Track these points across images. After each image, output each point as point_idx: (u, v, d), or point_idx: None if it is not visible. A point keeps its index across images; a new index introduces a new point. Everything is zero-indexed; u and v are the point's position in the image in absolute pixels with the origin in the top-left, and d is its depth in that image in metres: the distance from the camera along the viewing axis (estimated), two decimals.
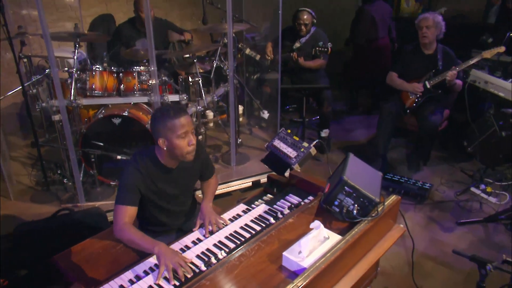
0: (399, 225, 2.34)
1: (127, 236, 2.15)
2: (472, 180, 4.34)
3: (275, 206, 2.45)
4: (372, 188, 2.17)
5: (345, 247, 1.90)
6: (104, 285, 1.97)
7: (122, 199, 2.21)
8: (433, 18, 4.16)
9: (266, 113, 4.46)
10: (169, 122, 2.14)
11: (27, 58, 4.37)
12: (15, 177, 4.10)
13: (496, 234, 3.67)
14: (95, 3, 5.54)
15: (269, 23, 5.13)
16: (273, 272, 1.87)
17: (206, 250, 2.15)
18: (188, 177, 2.48)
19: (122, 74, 3.73)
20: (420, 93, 4.30)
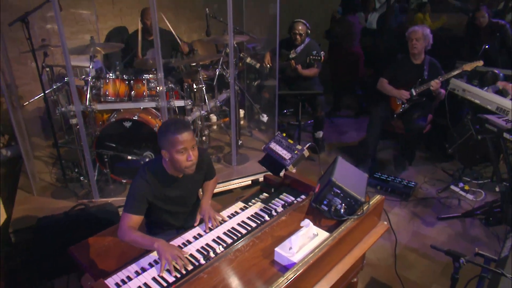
0: (383, 222, 2.30)
1: (129, 238, 2.12)
2: (452, 178, 4.33)
3: (270, 204, 2.42)
4: (358, 188, 2.14)
5: (332, 243, 1.87)
6: (112, 276, 1.95)
7: (129, 208, 2.18)
8: (422, 31, 4.18)
9: (265, 117, 4.43)
10: (170, 137, 2.09)
11: (49, 67, 4.37)
12: (38, 174, 4.09)
13: (472, 228, 3.67)
14: (111, 17, 5.52)
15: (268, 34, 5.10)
16: (266, 266, 1.85)
17: (205, 245, 2.12)
18: (193, 184, 2.45)
19: (133, 81, 3.71)
20: (407, 99, 4.31)
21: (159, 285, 1.87)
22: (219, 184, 3.91)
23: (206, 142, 4.48)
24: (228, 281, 1.76)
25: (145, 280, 1.91)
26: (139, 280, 1.91)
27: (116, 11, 5.55)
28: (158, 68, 3.34)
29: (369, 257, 3.28)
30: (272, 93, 4.50)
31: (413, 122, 4.29)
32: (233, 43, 3.60)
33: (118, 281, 1.91)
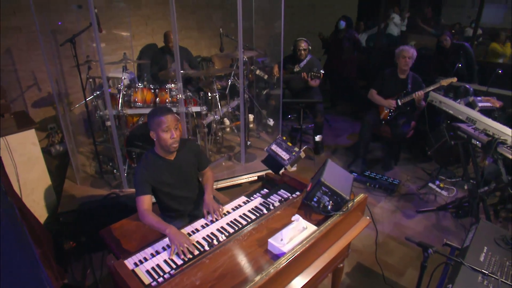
0: (366, 217, 2.21)
1: (147, 220, 2.11)
2: (430, 177, 4.20)
3: (269, 199, 2.35)
4: (344, 188, 2.05)
5: (319, 236, 1.80)
6: (132, 257, 1.92)
7: (138, 191, 2.20)
8: (412, 51, 4.11)
9: (271, 121, 4.37)
10: (157, 119, 2.16)
11: (92, 79, 4.38)
12: (81, 167, 4.09)
13: (444, 220, 3.57)
14: (144, 35, 5.51)
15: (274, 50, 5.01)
16: (260, 254, 1.79)
17: (210, 234, 2.07)
18: (186, 166, 2.40)
19: (157, 90, 3.67)
20: (394, 108, 4.24)
21: (169, 266, 1.84)
22: (230, 179, 3.86)
23: (220, 143, 4.42)
24: (226, 266, 1.71)
25: (157, 261, 1.87)
26: (153, 262, 1.87)
27: (149, 31, 5.53)
28: (177, 79, 3.30)
29: (356, 244, 3.20)
30: (278, 101, 4.42)
31: (398, 128, 4.21)
32: (242, 57, 3.53)
33: (136, 261, 1.88)
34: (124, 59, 3.63)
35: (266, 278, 1.56)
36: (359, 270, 2.98)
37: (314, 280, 2.00)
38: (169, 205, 2.40)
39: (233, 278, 1.64)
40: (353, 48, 6.20)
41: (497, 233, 2.15)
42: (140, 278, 1.76)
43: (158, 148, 2.28)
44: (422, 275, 1.95)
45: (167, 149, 2.25)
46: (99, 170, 3.87)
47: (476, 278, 1.81)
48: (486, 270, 1.76)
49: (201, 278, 1.65)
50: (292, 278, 1.76)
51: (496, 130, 2.90)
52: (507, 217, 3.51)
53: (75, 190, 3.70)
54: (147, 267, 1.84)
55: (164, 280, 1.72)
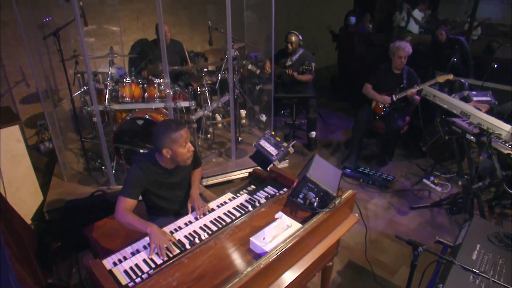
0: (354, 214, 2.12)
1: (125, 220, 2.00)
2: (424, 173, 4.12)
3: (255, 196, 2.26)
4: (332, 184, 1.96)
5: (303, 234, 1.71)
6: (111, 256, 1.84)
7: (125, 192, 2.06)
8: (408, 50, 4.02)
9: (264, 117, 4.28)
10: (173, 134, 1.99)
11: (81, 74, 4.26)
12: (69, 164, 4.01)
13: (438, 216, 3.50)
14: (135, 30, 5.39)
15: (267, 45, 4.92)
16: (241, 254, 1.70)
17: (193, 232, 1.98)
18: (184, 173, 2.32)
19: (146, 85, 3.57)
20: (388, 104, 4.15)
21: (148, 266, 1.75)
22: (221, 175, 3.77)
23: (211, 139, 4.33)
24: (206, 266, 1.62)
25: (136, 261, 1.79)
26: (132, 261, 1.79)
27: (140, 25, 5.41)
28: (165, 74, 3.19)
29: (348, 241, 3.13)
30: (270, 96, 4.33)
31: (393, 124, 4.12)
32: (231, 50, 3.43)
33: (115, 260, 1.80)
34: (111, 53, 3.52)
35: (247, 279, 1.47)
36: (350, 268, 2.90)
37: (301, 279, 1.91)
38: (157, 204, 2.31)
39: (212, 279, 1.56)
40: (364, 43, 6.11)
41: (490, 230, 2.07)
42: (117, 279, 1.68)
43: (163, 160, 2.12)
44: (412, 274, 1.87)
45: (183, 164, 2.13)
46: (87, 167, 3.78)
47: (468, 277, 1.72)
48: (478, 269, 1.68)
49: (179, 278, 1.56)
50: (276, 278, 1.68)
51: (491, 124, 2.81)
52: (502, 213, 3.44)
53: (62, 187, 3.62)
54: (125, 267, 1.75)
55: (142, 280, 1.63)
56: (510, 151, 2.93)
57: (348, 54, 6.27)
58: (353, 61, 6.22)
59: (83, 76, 4.29)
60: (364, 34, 6.12)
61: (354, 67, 6.22)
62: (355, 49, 6.10)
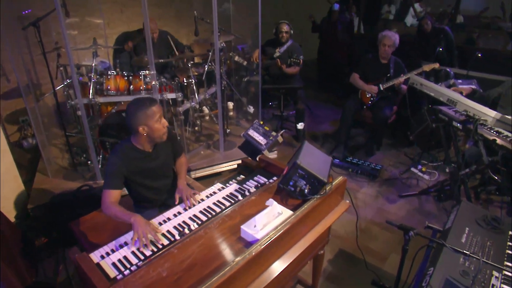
0: (345, 201, 2.11)
1: (111, 212, 1.97)
2: (412, 162, 4.15)
3: (245, 185, 2.23)
4: (322, 170, 1.95)
5: (295, 220, 1.69)
6: (99, 249, 1.79)
7: (108, 184, 2.03)
8: (394, 39, 4.03)
9: (252, 108, 4.25)
10: (147, 110, 1.99)
11: (63, 67, 4.15)
12: (53, 159, 3.90)
13: (427, 204, 3.53)
14: (119, 23, 5.28)
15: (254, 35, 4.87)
16: (232, 242, 1.67)
17: (182, 222, 1.94)
18: (164, 155, 2.26)
19: (131, 77, 3.49)
20: (375, 93, 4.16)
21: (137, 258, 1.71)
22: (209, 167, 3.72)
23: (199, 131, 4.27)
24: (196, 256, 1.59)
25: (125, 253, 1.74)
26: (120, 253, 1.74)
27: (124, 18, 5.30)
28: (150, 66, 3.13)
29: (338, 230, 3.13)
30: (257, 88, 4.29)
31: (380, 113, 4.13)
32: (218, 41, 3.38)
33: (103, 254, 1.75)
34: (94, 45, 3.44)
35: (238, 267, 1.44)
36: (341, 256, 2.90)
37: (292, 267, 1.90)
38: (143, 195, 2.26)
39: (202, 269, 1.53)
40: (346, 32, 6.09)
41: (478, 213, 2.09)
42: (105, 272, 1.63)
43: (139, 141, 2.11)
44: (403, 259, 1.86)
45: (159, 140, 2.12)
46: (72, 162, 3.69)
47: (458, 260, 1.74)
48: (468, 251, 1.68)
49: (169, 269, 1.53)
50: (268, 266, 1.65)
51: (477, 111, 2.84)
52: (488, 199, 3.49)
53: (46, 183, 3.52)
54: (114, 260, 1.71)
55: (131, 272, 1.59)
56: (495, 137, 2.96)
57: (330, 43, 6.24)
58: (336, 50, 6.19)
59: (65, 69, 4.18)
60: (347, 23, 6.10)
61: (337, 56, 6.20)
62: (338, 37, 6.08)
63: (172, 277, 1.49)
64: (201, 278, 1.47)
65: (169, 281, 1.48)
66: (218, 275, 1.40)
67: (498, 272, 1.69)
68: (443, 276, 1.63)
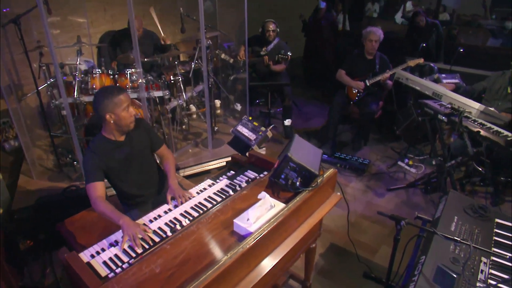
0: (336, 193, 2.12)
1: (100, 209, 1.94)
2: (399, 156, 4.20)
3: (235, 181, 2.21)
4: (313, 163, 1.95)
5: (287, 213, 1.69)
6: (88, 248, 1.75)
7: (89, 178, 2.02)
8: (379, 34, 4.07)
9: (239, 106, 4.23)
10: (115, 98, 1.99)
11: (46, 66, 4.05)
12: (38, 161, 3.82)
13: (414, 196, 3.58)
14: (103, 22, 5.19)
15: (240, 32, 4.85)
16: (225, 236, 1.66)
17: (173, 219, 1.92)
18: (138, 145, 2.24)
19: (117, 75, 3.44)
20: (362, 89, 4.19)
21: (128, 256, 1.68)
22: (197, 165, 3.69)
23: (186, 130, 4.24)
24: (189, 251, 1.57)
25: (116, 251, 1.72)
26: (111, 252, 1.72)
27: (108, 17, 5.22)
28: (137, 63, 3.08)
29: (329, 225, 3.14)
30: (244, 85, 4.28)
31: (367, 108, 4.17)
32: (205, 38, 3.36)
33: (93, 253, 1.72)
34: (78, 42, 3.37)
35: (231, 261, 1.43)
36: (332, 250, 2.92)
37: (286, 261, 1.90)
38: (128, 191, 2.23)
39: (196, 264, 1.51)
40: (331, 29, 6.13)
41: (465, 202, 2.13)
42: (96, 270, 1.60)
43: (109, 131, 2.11)
44: (395, 249, 1.88)
45: (127, 129, 2.11)
46: (57, 163, 3.61)
47: (448, 248, 1.76)
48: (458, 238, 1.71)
49: (162, 265, 1.51)
50: (261, 259, 1.64)
51: (461, 103, 2.90)
52: (472, 190, 3.56)
53: (31, 185, 3.45)
54: (104, 258, 1.68)
55: (122, 270, 1.56)
56: (479, 128, 3.02)
57: (316, 40, 6.27)
58: (322, 47, 6.22)
59: (48, 68, 4.08)
60: (332, 20, 6.15)
61: (323, 53, 6.24)
62: (324, 35, 6.12)
63: (165, 273, 1.47)
64: (195, 273, 1.45)
65: (162, 277, 1.46)
66: (212, 269, 1.38)
67: (486, 258, 1.73)
68: (435, 263, 1.66)
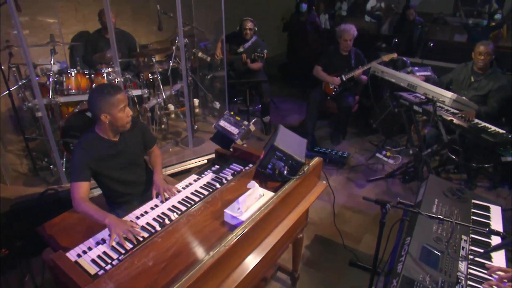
0: (322, 181, 2.17)
1: (82, 209, 1.89)
2: (376, 148, 4.32)
3: (221, 174, 2.22)
4: (299, 152, 1.99)
5: (277, 201, 1.72)
6: (74, 248, 1.71)
7: (75, 176, 1.95)
8: (353, 32, 4.17)
9: (218, 104, 4.22)
10: (111, 98, 1.92)
11: (16, 66, 3.90)
12: (11, 166, 3.66)
13: (393, 186, 3.70)
14: (74, 22, 5.05)
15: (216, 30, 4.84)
16: (216, 227, 1.66)
17: (161, 214, 1.90)
18: (132, 145, 2.19)
19: (93, 75, 3.36)
20: (338, 84, 4.26)
21: (117, 253, 1.65)
22: (178, 164, 3.66)
23: (165, 129, 4.19)
24: (181, 243, 1.56)
25: (104, 249, 1.68)
26: (99, 250, 1.69)
27: (79, 17, 5.08)
28: (114, 62, 3.03)
29: (312, 217, 3.19)
30: (223, 83, 4.29)
31: (344, 102, 4.26)
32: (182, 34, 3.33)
33: (79, 252, 1.68)
34: (52, 41, 3.28)
35: (225, 250, 1.43)
36: (317, 241, 2.96)
37: (276, 250, 1.92)
38: (116, 190, 2.18)
39: (189, 255, 1.51)
40: (314, 30, 6.22)
41: (444, 186, 2.23)
42: (84, 269, 1.57)
43: (103, 129, 2.04)
44: (381, 232, 1.93)
45: (122, 129, 2.06)
46: (33, 167, 3.49)
47: (431, 228, 1.84)
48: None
49: (154, 258, 1.50)
50: (253, 249, 1.66)
51: (435, 93, 3.01)
52: (447, 177, 3.71)
53: (4, 191, 3.29)
54: (92, 256, 1.65)
55: (113, 267, 1.54)
56: (452, 117, 3.16)
57: (300, 41, 6.37)
58: (306, 48, 6.32)
59: (18, 69, 3.93)
60: (315, 22, 6.25)
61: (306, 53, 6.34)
62: (309, 37, 6.21)
63: (159, 266, 1.46)
64: (189, 264, 1.45)
65: (156, 269, 1.45)
66: (207, 258, 1.38)
67: (466, 235, 1.82)
68: (420, 244, 1.73)
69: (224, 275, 1.50)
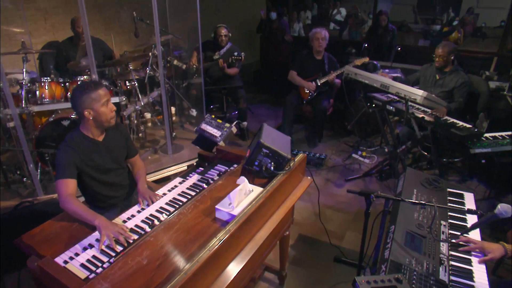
0: (307, 177, 2.23)
1: (71, 207, 1.85)
2: (352, 149, 4.45)
3: (207, 175, 2.24)
4: (284, 148, 2.05)
5: (266, 195, 1.76)
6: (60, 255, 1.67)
7: (61, 174, 1.92)
8: (324, 32, 4.31)
9: (195, 111, 4.23)
10: (93, 94, 1.94)
11: None
12: None
13: (371, 184, 3.83)
14: (44, 32, 4.93)
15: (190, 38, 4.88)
16: (208, 224, 1.68)
17: (149, 215, 1.89)
18: (116, 147, 2.19)
19: (68, 83, 3.30)
20: (313, 90, 4.38)
21: (107, 256, 1.63)
22: (158, 171, 3.63)
23: (143, 138, 4.15)
24: (174, 241, 1.57)
25: (93, 253, 1.65)
26: (88, 254, 1.65)
27: (49, 27, 4.97)
28: (92, 70, 3.00)
29: (296, 217, 3.21)
30: (199, 90, 4.31)
31: (319, 106, 4.37)
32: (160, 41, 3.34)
33: (66, 259, 1.64)
34: (23, 48, 3.19)
35: (220, 244, 1.45)
36: (302, 240, 3.02)
37: (265, 247, 1.95)
38: (100, 193, 2.15)
39: (183, 252, 1.52)
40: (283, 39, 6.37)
41: (421, 177, 2.35)
42: (74, 274, 1.53)
43: (87, 128, 2.04)
44: (367, 223, 2.01)
45: (107, 124, 2.05)
46: (4, 180, 3.36)
47: (413, 216, 1.94)
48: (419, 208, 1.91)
49: (148, 256, 1.50)
50: (245, 243, 1.68)
51: (407, 92, 3.16)
52: None
53: None
54: (81, 261, 1.61)
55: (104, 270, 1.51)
56: (424, 114, 3.33)
57: (273, 49, 6.51)
58: (279, 55, 6.47)
59: None
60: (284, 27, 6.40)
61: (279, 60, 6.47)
62: (281, 45, 6.36)
63: (153, 264, 1.46)
64: (185, 260, 1.46)
65: (151, 267, 1.45)
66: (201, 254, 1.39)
67: (444, 221, 1.93)
68: (403, 230, 1.82)
69: (219, 271, 1.51)
